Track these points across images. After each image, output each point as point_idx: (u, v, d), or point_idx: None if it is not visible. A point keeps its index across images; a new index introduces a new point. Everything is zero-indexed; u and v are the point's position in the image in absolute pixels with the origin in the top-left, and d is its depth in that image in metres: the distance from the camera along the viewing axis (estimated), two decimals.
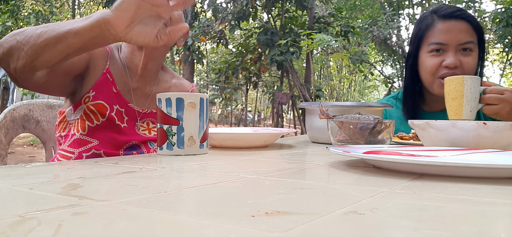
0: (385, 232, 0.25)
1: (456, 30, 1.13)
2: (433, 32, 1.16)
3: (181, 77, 1.17)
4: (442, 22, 1.15)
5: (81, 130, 0.91)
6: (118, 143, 0.94)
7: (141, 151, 0.96)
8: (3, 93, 9.42)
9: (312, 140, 1.04)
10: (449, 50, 1.13)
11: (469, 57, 1.13)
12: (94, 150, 0.91)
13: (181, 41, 1.05)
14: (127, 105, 0.98)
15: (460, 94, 0.97)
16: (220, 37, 7.16)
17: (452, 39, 1.13)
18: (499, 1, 9.05)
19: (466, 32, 1.13)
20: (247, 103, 13.33)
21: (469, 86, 0.96)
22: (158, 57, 1.02)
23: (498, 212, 0.31)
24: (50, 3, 8.79)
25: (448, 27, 1.14)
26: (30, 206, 0.31)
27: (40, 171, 0.50)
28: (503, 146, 0.67)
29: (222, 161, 0.62)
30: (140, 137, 0.98)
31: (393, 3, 10.30)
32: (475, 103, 0.97)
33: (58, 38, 0.73)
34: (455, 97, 0.97)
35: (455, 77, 0.98)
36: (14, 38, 0.77)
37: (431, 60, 1.16)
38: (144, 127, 1.00)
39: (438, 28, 1.15)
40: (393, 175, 0.47)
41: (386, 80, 9.82)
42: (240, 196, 0.36)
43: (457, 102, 0.97)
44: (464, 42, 1.12)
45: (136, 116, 1.00)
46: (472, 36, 1.13)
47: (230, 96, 11.40)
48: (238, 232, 0.24)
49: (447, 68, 1.12)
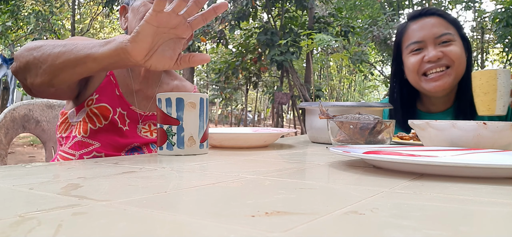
0: (385, 232, 0.25)
1: (429, 25, 1.15)
2: (408, 34, 1.19)
3: (183, 79, 1.17)
4: (414, 22, 1.18)
5: (82, 132, 0.91)
6: (120, 146, 0.94)
7: (142, 153, 0.96)
8: (3, 93, 9.42)
9: (312, 140, 1.04)
10: (428, 45, 1.14)
11: (452, 46, 1.13)
12: (95, 153, 0.91)
13: (185, 44, 1.06)
14: (129, 107, 0.97)
15: (493, 88, 0.92)
16: (220, 37, 7.16)
17: (427, 34, 1.14)
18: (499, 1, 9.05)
19: (440, 25, 1.14)
20: (247, 103, 13.33)
21: (503, 79, 0.92)
22: None
23: (498, 212, 0.31)
24: (50, 3, 8.79)
25: (421, 25, 1.16)
26: (30, 206, 0.31)
27: (40, 171, 0.50)
28: (503, 146, 0.67)
29: (222, 161, 0.62)
30: (142, 139, 0.97)
31: (393, 3, 10.30)
32: (507, 97, 0.93)
33: (77, 61, 0.74)
34: (487, 91, 0.93)
35: (486, 70, 0.95)
36: (30, 54, 0.78)
37: (412, 59, 1.17)
38: (146, 129, 1.00)
39: (412, 28, 1.18)
40: (393, 175, 0.47)
41: (386, 80, 9.82)
42: (240, 196, 0.36)
43: (490, 97, 0.93)
44: (440, 34, 1.13)
45: (138, 119, 0.99)
46: (448, 29, 1.15)
47: (230, 96, 11.39)
48: (238, 232, 0.24)
49: (429, 62, 1.13)
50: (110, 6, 7.65)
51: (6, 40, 8.92)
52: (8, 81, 8.79)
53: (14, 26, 8.73)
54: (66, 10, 10.41)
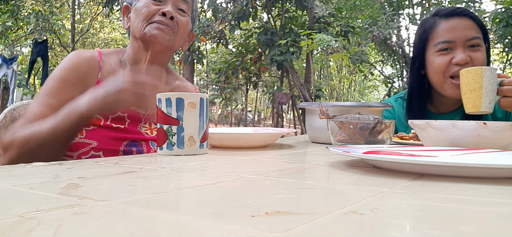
0: (385, 232, 0.25)
1: (461, 27, 1.12)
2: (437, 32, 1.15)
3: (184, 79, 1.17)
4: (446, 21, 1.14)
5: (79, 134, 0.92)
6: (118, 140, 0.94)
7: (140, 150, 0.96)
8: (3, 93, 9.42)
9: (312, 140, 1.04)
10: (457, 47, 1.12)
11: (478, 52, 1.12)
12: (93, 152, 0.91)
13: (186, 45, 1.06)
14: (129, 109, 0.98)
15: (478, 85, 0.93)
16: (220, 37, 7.15)
17: (459, 36, 1.11)
18: (499, 1, 9.05)
19: (472, 28, 1.12)
20: (247, 103, 13.33)
21: (488, 77, 0.93)
22: (163, 60, 1.03)
23: (498, 212, 0.31)
24: (50, 3, 8.78)
25: (453, 25, 1.13)
26: (30, 206, 0.31)
27: (40, 171, 0.50)
28: (503, 146, 0.67)
29: (222, 161, 0.62)
30: (142, 136, 0.98)
31: (393, 3, 10.29)
32: (494, 95, 0.94)
33: (73, 133, 0.84)
34: (473, 88, 0.94)
35: (473, 68, 0.96)
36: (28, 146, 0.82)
37: (439, 59, 1.14)
38: (146, 127, 1.00)
39: (443, 27, 1.14)
40: (393, 175, 0.47)
41: (386, 80, 9.81)
42: (240, 196, 0.36)
43: (476, 94, 0.94)
44: (471, 37, 1.11)
45: (140, 118, 1.00)
46: (478, 32, 1.13)
47: (230, 96, 11.39)
48: (238, 232, 0.24)
49: (458, 65, 1.11)
50: (110, 6, 7.65)
51: (6, 40, 8.92)
52: (8, 81, 8.78)
53: (14, 26, 8.72)
54: (66, 10, 10.40)
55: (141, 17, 0.96)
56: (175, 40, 0.99)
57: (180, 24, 0.99)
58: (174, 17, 0.97)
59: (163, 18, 0.95)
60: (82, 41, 13.60)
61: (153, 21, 0.95)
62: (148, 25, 0.95)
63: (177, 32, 0.99)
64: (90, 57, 0.97)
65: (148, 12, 0.95)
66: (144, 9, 0.96)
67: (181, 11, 1.00)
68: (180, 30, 0.99)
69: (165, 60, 1.04)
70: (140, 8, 0.97)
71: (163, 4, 0.97)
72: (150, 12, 0.95)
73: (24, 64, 13.76)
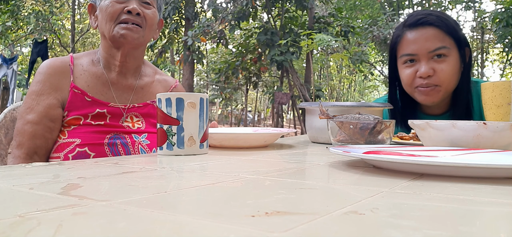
0: (385, 232, 0.25)
1: (423, 38, 1.10)
2: (402, 44, 1.16)
3: (164, 73, 1.18)
4: (410, 31, 1.14)
5: (61, 135, 0.94)
6: (101, 133, 0.95)
7: (125, 142, 0.97)
8: (3, 93, 9.42)
9: (312, 140, 1.04)
10: (421, 59, 1.11)
11: (443, 64, 1.09)
12: (78, 149, 0.92)
13: (156, 33, 1.06)
14: (107, 105, 0.98)
15: (507, 100, 0.88)
16: (220, 37, 7.15)
17: (420, 49, 1.11)
18: (499, 1, 9.05)
19: (435, 38, 1.09)
20: (247, 103, 13.33)
21: None
22: (136, 55, 1.03)
23: (498, 212, 0.31)
24: (50, 3, 8.78)
25: (415, 37, 1.12)
26: (30, 206, 0.31)
27: (40, 171, 0.50)
28: (503, 146, 0.67)
29: (222, 161, 0.62)
30: (124, 128, 0.99)
31: (393, 3, 10.29)
32: None
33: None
34: (501, 104, 0.89)
35: (499, 82, 0.90)
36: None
37: (406, 71, 1.15)
38: (128, 121, 1.01)
39: (407, 38, 1.14)
40: (393, 175, 0.47)
41: (386, 80, 9.81)
42: (240, 196, 0.36)
43: (504, 110, 0.89)
44: (433, 49, 1.09)
45: (121, 113, 1.00)
46: (443, 41, 1.09)
47: (230, 96, 11.39)
48: (238, 232, 0.24)
49: (421, 77, 1.11)
50: None
51: (6, 40, 8.92)
52: (8, 81, 8.79)
53: (14, 26, 8.72)
54: (66, 10, 10.40)
55: (107, 17, 0.96)
56: (144, 36, 0.99)
57: (148, 18, 0.99)
58: (140, 12, 0.97)
59: (129, 16, 0.96)
60: (82, 41, 13.60)
61: (120, 20, 0.96)
62: (116, 26, 0.96)
63: (146, 27, 0.99)
64: (60, 64, 0.99)
65: (113, 11, 0.95)
66: (109, 8, 0.96)
67: (146, 4, 1.00)
68: (148, 24, 1.00)
69: (139, 54, 1.05)
70: (105, 7, 0.96)
71: (127, 1, 0.97)
72: (115, 11, 0.96)
73: (24, 64, 13.76)
